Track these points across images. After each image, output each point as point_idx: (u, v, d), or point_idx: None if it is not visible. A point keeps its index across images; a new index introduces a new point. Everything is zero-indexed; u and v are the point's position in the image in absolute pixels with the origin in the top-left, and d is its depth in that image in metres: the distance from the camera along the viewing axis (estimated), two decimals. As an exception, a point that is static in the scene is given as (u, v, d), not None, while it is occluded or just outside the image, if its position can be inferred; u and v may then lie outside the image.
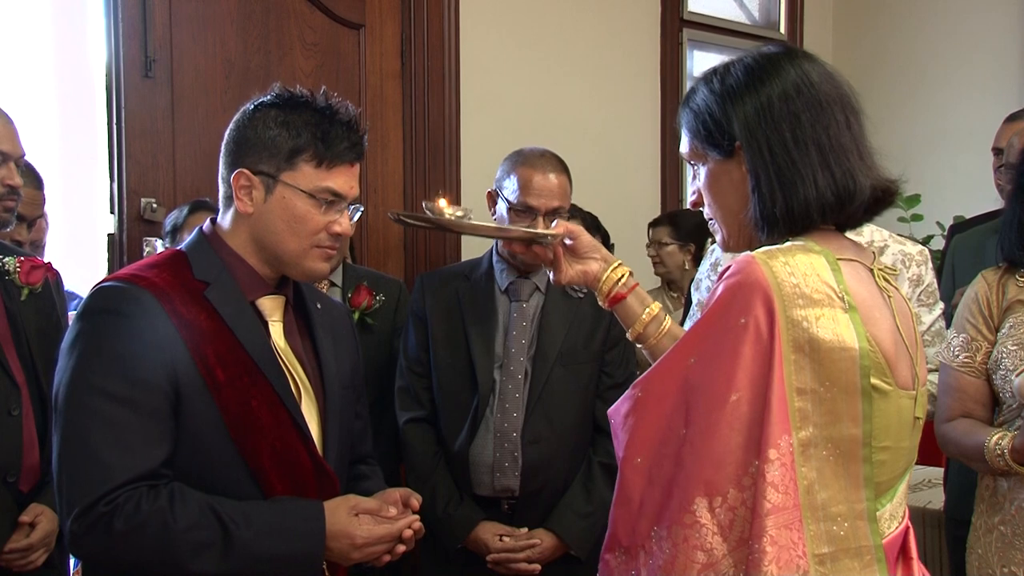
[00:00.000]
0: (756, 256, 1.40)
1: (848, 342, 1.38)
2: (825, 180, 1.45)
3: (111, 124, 3.44)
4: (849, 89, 1.53)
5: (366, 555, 1.77)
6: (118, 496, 1.62)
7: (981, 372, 2.33)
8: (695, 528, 1.34)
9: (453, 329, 2.81)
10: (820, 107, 1.47)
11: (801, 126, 1.45)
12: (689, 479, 1.35)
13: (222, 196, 1.86)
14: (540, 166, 2.72)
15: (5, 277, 2.38)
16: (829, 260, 1.43)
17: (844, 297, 1.40)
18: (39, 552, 2.32)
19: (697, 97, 1.55)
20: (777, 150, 1.45)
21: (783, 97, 1.47)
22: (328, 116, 1.81)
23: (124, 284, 1.73)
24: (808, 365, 1.37)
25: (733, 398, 1.35)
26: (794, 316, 1.36)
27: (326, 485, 1.83)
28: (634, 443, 1.43)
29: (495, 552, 2.71)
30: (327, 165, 1.79)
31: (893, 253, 2.64)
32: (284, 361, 1.83)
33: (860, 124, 1.51)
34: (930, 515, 3.38)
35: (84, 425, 1.65)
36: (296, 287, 1.93)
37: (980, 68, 5.24)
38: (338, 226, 1.82)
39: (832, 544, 1.38)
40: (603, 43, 4.66)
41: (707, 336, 1.39)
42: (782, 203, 1.46)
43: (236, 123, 1.84)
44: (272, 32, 3.73)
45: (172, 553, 1.63)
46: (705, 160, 1.55)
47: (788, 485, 1.34)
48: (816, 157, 1.45)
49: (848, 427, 1.39)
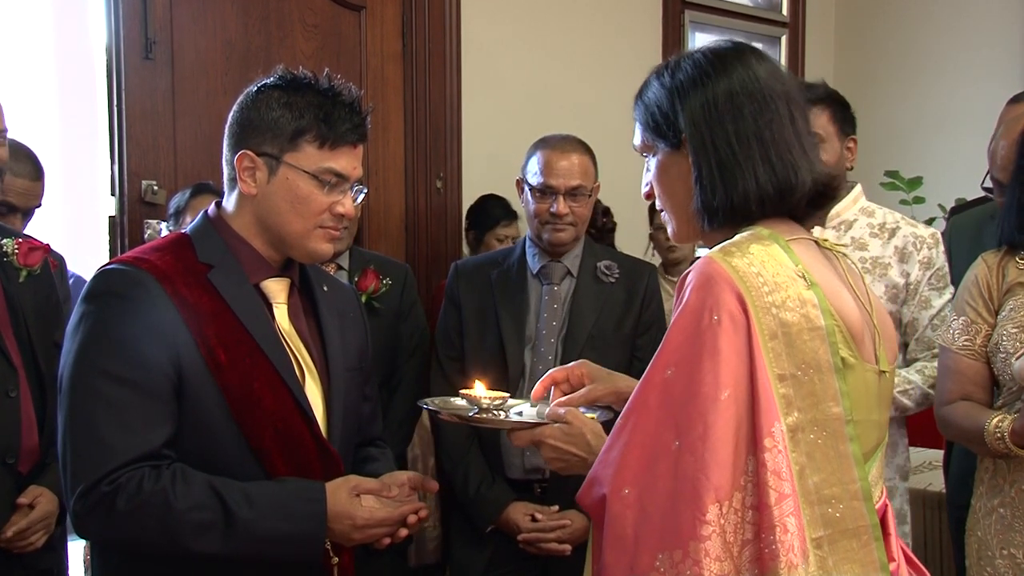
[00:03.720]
0: (713, 256, 1.43)
1: (815, 321, 1.41)
2: (766, 173, 1.48)
3: (111, 106, 3.44)
4: (796, 86, 1.57)
5: (367, 536, 1.78)
6: (120, 476, 1.63)
7: (981, 355, 2.33)
8: (713, 539, 1.33)
9: (485, 312, 2.85)
10: (765, 102, 1.50)
11: (744, 120, 1.49)
12: (698, 488, 1.34)
13: (226, 178, 1.86)
14: (560, 147, 2.79)
15: (3, 259, 2.37)
16: (781, 243, 1.46)
17: (805, 276, 1.44)
18: (38, 533, 2.33)
19: (649, 91, 1.59)
20: (719, 144, 1.49)
21: (728, 93, 1.50)
22: (331, 97, 1.81)
23: (127, 267, 1.74)
24: (784, 351, 1.39)
25: (723, 396, 1.35)
26: (763, 304, 1.39)
27: (330, 466, 1.83)
28: (620, 474, 1.41)
29: (526, 532, 2.73)
30: (330, 146, 1.79)
31: (904, 235, 2.65)
32: (288, 343, 1.83)
33: (805, 120, 1.55)
34: (930, 497, 3.39)
35: (87, 406, 1.66)
36: (303, 269, 1.94)
37: (983, 50, 5.22)
38: (341, 207, 1.82)
39: (828, 527, 1.39)
40: (605, 24, 4.65)
41: (682, 343, 1.40)
42: (723, 195, 1.49)
43: (240, 105, 1.85)
44: (273, 13, 3.72)
45: (174, 533, 1.65)
46: (655, 152, 1.59)
47: (786, 472, 1.35)
48: (758, 151, 1.49)
49: (830, 407, 1.42)
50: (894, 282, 2.61)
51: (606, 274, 2.85)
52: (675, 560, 1.34)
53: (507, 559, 2.79)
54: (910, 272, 2.62)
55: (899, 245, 2.64)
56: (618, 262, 2.89)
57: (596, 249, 2.94)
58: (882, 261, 2.63)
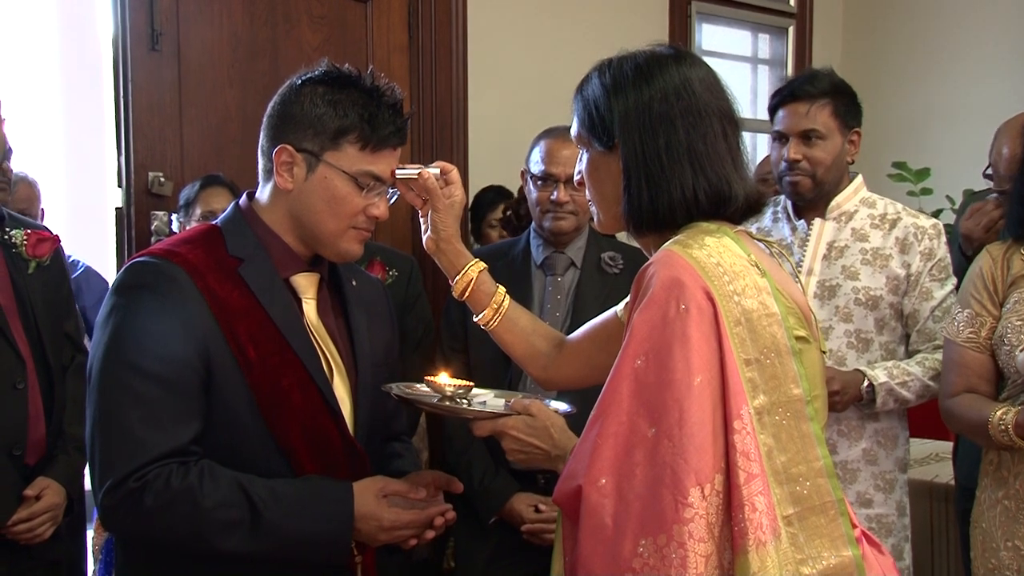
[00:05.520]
0: (672, 248, 1.48)
1: (771, 307, 1.47)
2: (699, 185, 1.52)
3: (118, 98, 3.44)
4: (730, 100, 1.59)
5: (393, 538, 1.77)
6: (148, 472, 1.62)
7: (985, 347, 2.33)
8: (696, 521, 1.35)
9: None
10: (698, 115, 1.53)
11: (676, 132, 1.52)
12: (678, 473, 1.36)
13: (262, 169, 1.83)
14: (562, 136, 2.78)
15: (12, 250, 2.38)
16: (730, 235, 1.51)
17: (757, 265, 1.50)
18: (45, 525, 2.34)
19: (588, 87, 1.62)
20: (649, 154, 1.52)
21: (663, 99, 1.53)
22: (376, 98, 1.78)
23: (158, 260, 1.72)
24: (748, 336, 1.44)
25: (696, 381, 1.39)
26: (725, 292, 1.44)
27: (356, 464, 1.82)
28: (596, 464, 1.42)
29: (530, 523, 2.74)
30: (372, 148, 1.77)
31: (906, 226, 2.64)
32: (316, 339, 1.82)
33: (737, 136, 1.58)
34: (937, 489, 3.39)
35: (115, 401, 1.65)
36: (332, 264, 1.92)
37: (991, 42, 5.20)
38: (376, 209, 1.80)
39: (797, 504, 1.44)
40: (611, 15, 4.64)
41: (650, 334, 1.42)
42: (648, 204, 1.53)
43: (282, 96, 1.81)
44: (279, 5, 3.72)
45: (201, 530, 1.64)
46: (588, 148, 1.63)
47: (755, 453, 1.38)
48: (688, 163, 1.52)
49: (791, 388, 1.47)
50: (895, 273, 2.60)
51: (610, 265, 2.84)
52: (659, 544, 1.36)
53: (511, 550, 2.79)
54: (911, 263, 2.61)
55: (900, 236, 2.63)
56: (622, 253, 2.89)
57: (600, 240, 2.94)
58: (883, 252, 2.62)
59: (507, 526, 2.79)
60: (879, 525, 2.62)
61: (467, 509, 2.87)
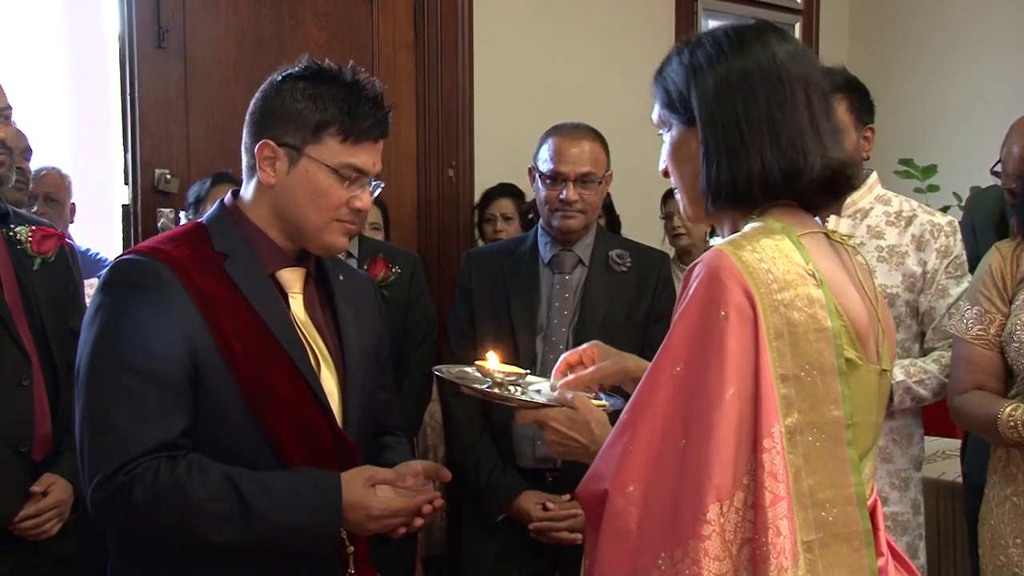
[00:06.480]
0: (722, 248, 1.40)
1: (822, 322, 1.39)
2: (773, 157, 1.45)
3: (124, 95, 3.45)
4: (816, 69, 1.53)
5: (383, 526, 1.78)
6: (136, 466, 1.64)
7: (995, 344, 2.32)
8: (713, 539, 1.32)
9: (497, 301, 2.85)
10: (779, 84, 1.47)
11: (756, 102, 1.46)
12: (699, 487, 1.32)
13: (245, 166, 1.85)
14: (571, 134, 2.80)
15: (17, 247, 2.38)
16: (792, 238, 1.43)
17: (815, 274, 1.41)
18: (52, 521, 2.34)
19: (668, 67, 1.58)
20: (728, 124, 1.47)
21: (743, 72, 1.48)
22: (356, 91, 1.80)
23: (143, 257, 1.74)
24: (789, 351, 1.37)
25: (729, 394, 1.33)
26: (771, 302, 1.36)
27: (345, 457, 1.83)
28: (625, 470, 1.38)
29: (537, 521, 2.74)
30: (353, 141, 1.78)
31: (922, 223, 2.63)
32: (304, 333, 1.83)
33: (823, 103, 1.51)
34: (944, 487, 3.38)
35: (104, 396, 1.67)
36: (319, 259, 1.93)
37: (998, 38, 5.18)
38: (359, 201, 1.81)
39: (820, 530, 1.38)
40: (617, 11, 4.63)
41: (690, 340, 1.37)
42: (727, 175, 1.47)
43: (263, 92, 1.83)
44: (285, 2, 3.72)
45: (190, 523, 1.65)
46: (670, 127, 1.58)
47: (783, 474, 1.33)
48: (767, 134, 1.46)
49: (830, 410, 1.39)
50: (911, 271, 2.59)
51: (618, 263, 2.84)
52: (675, 559, 1.33)
53: (518, 548, 2.79)
54: (927, 260, 2.59)
55: (916, 233, 2.62)
56: (630, 251, 2.89)
57: (608, 238, 2.94)
58: (899, 250, 2.60)
59: (514, 524, 2.79)
60: (894, 523, 2.61)
61: (474, 507, 2.88)
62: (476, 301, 2.88)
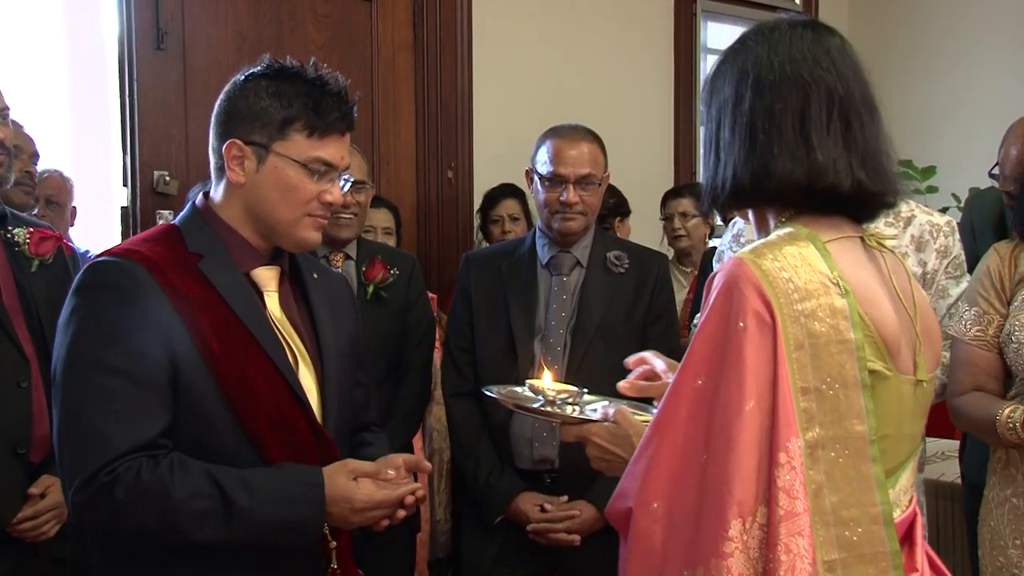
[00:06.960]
0: (743, 256, 1.37)
1: (845, 333, 1.35)
2: (795, 160, 1.42)
3: (123, 97, 3.45)
4: (857, 79, 1.53)
5: (366, 519, 1.78)
6: (118, 466, 1.64)
7: (993, 345, 2.32)
8: (736, 556, 1.29)
9: (495, 303, 2.85)
10: (795, 84, 1.45)
11: (783, 100, 1.44)
12: (720, 503, 1.30)
13: (213, 167, 1.87)
14: (569, 136, 2.80)
15: (15, 248, 2.38)
16: (818, 246, 1.40)
17: (839, 283, 1.37)
18: (51, 523, 2.34)
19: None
20: (738, 123, 1.46)
21: (756, 67, 1.47)
22: (319, 86, 1.82)
23: (118, 259, 1.75)
24: (809, 363, 1.33)
25: (749, 406, 1.30)
26: (791, 312, 1.33)
27: (325, 453, 1.83)
28: (648, 487, 1.37)
29: (535, 522, 2.73)
30: (319, 135, 1.81)
31: (920, 224, 2.62)
32: (280, 331, 1.84)
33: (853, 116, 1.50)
34: (943, 487, 3.38)
35: (82, 398, 1.67)
36: (292, 258, 1.95)
37: (997, 39, 5.18)
38: (329, 195, 1.83)
39: (844, 550, 1.33)
40: (616, 13, 4.64)
41: (710, 352, 1.35)
42: (756, 172, 1.45)
43: (227, 93, 1.85)
44: (284, 4, 3.72)
45: (173, 522, 1.65)
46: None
47: (798, 490, 1.29)
48: (791, 135, 1.43)
49: (854, 424, 1.35)
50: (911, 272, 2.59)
51: (616, 264, 2.84)
52: None
53: (516, 550, 2.79)
54: (927, 261, 2.59)
55: (915, 234, 2.61)
56: (628, 252, 2.89)
57: (606, 239, 2.94)
58: (898, 251, 2.59)
59: (513, 525, 2.79)
60: (896, 525, 2.61)
61: (473, 508, 2.87)
62: (474, 303, 2.88)
